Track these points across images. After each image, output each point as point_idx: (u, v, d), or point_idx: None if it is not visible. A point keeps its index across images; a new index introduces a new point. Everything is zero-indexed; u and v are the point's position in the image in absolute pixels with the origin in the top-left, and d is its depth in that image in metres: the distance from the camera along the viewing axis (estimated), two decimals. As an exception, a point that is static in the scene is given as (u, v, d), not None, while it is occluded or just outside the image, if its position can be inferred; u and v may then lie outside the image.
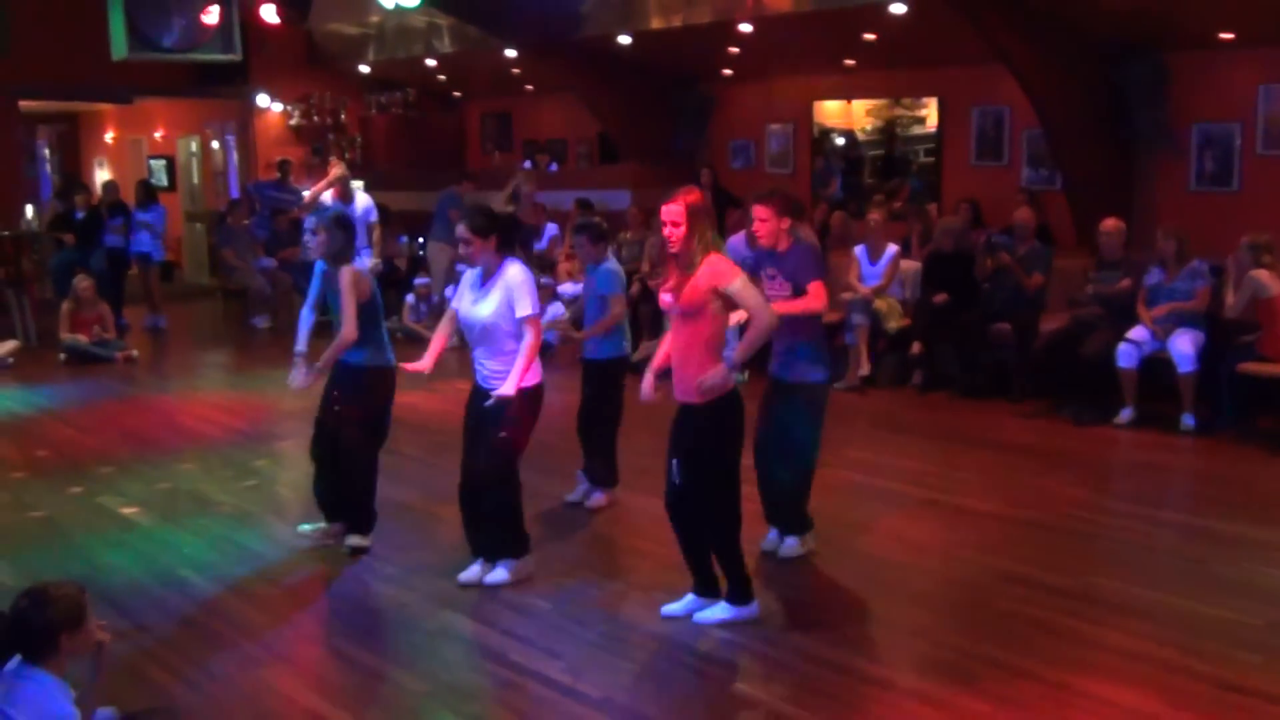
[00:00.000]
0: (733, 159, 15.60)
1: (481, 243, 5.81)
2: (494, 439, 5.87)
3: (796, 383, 6.20)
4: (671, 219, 5.29)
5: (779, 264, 6.14)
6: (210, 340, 14.87)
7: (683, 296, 5.27)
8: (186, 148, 21.10)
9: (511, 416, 5.86)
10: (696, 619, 5.45)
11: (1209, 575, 6.12)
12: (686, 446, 5.35)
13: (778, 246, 6.13)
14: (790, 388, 6.21)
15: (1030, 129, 12.23)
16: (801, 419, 6.23)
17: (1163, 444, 8.81)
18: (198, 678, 5.00)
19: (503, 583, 5.95)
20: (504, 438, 5.86)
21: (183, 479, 8.21)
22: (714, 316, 5.29)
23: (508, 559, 6.01)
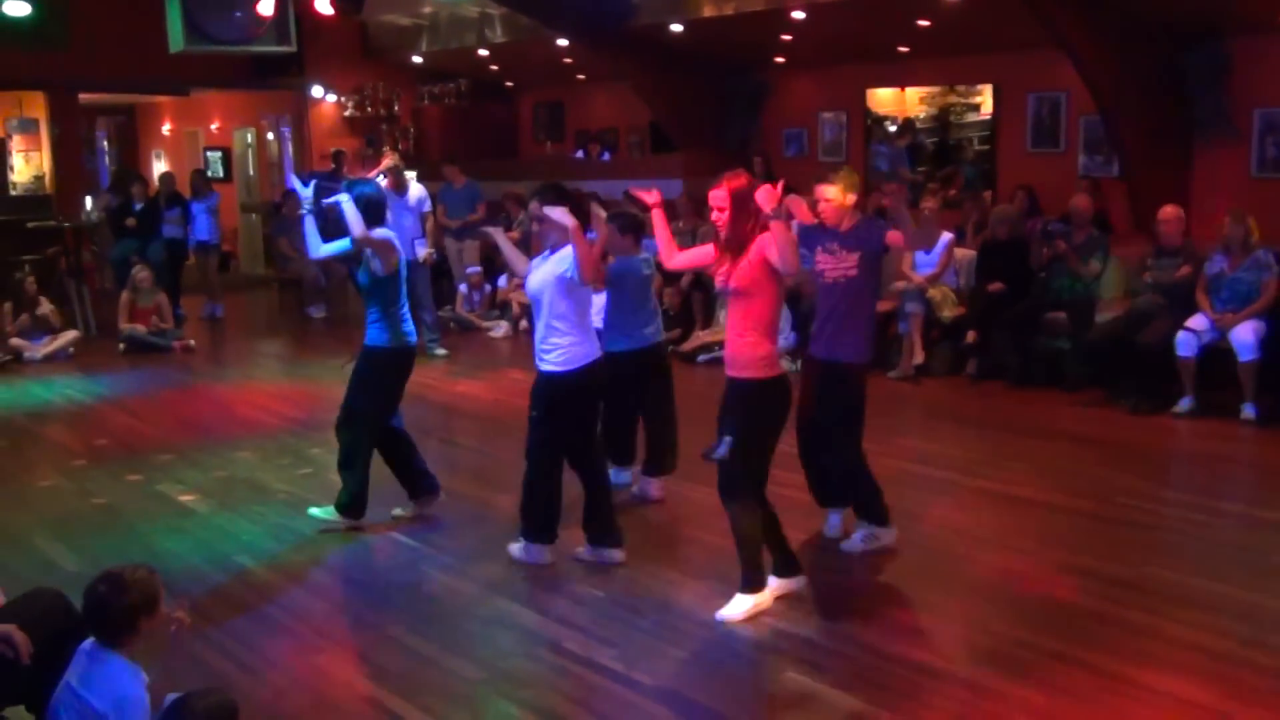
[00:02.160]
0: (785, 147, 15.55)
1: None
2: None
3: (839, 362, 6.13)
4: (717, 204, 5.34)
5: (842, 239, 6.03)
6: (266, 330, 15.04)
7: (735, 276, 5.30)
8: (242, 139, 21.32)
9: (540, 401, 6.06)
10: (726, 617, 5.40)
11: (1270, 567, 6.04)
12: (736, 424, 5.33)
13: (841, 225, 6.07)
14: (833, 367, 6.15)
15: (1087, 115, 12.10)
16: (841, 400, 6.19)
17: (1223, 434, 8.69)
18: (255, 663, 5.06)
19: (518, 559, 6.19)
20: (532, 417, 6.06)
21: (240, 467, 8.30)
22: (768, 295, 5.31)
23: (531, 541, 6.17)
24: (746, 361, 5.32)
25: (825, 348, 6.14)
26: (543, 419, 6.01)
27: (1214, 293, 9.13)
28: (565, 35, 15.16)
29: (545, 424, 6.00)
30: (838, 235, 6.07)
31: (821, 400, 6.17)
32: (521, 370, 11.36)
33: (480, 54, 17.14)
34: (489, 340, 13.57)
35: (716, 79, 15.85)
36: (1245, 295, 8.99)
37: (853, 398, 6.16)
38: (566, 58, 16.57)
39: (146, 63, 16.57)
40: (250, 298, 17.56)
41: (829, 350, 6.12)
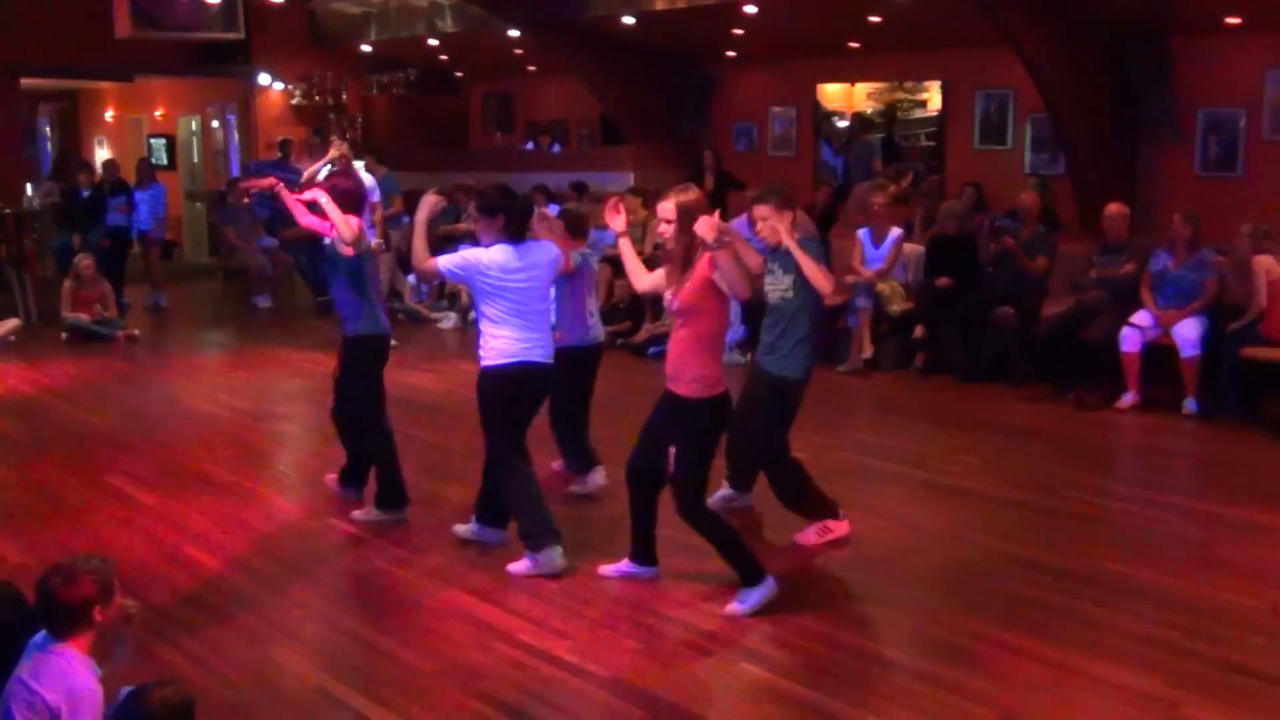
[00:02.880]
0: (736, 141, 15.60)
1: (487, 222, 5.90)
2: None
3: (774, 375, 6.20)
4: (664, 216, 5.35)
5: (781, 261, 6.08)
6: (212, 319, 14.87)
7: (680, 295, 5.30)
8: (187, 126, 21.07)
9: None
10: (740, 610, 5.39)
11: (1213, 559, 6.14)
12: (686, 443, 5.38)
13: (780, 244, 6.05)
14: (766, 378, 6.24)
15: (1035, 113, 12.24)
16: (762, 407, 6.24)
17: (1165, 428, 8.83)
18: (207, 656, 5.01)
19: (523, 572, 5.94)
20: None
21: (188, 457, 8.21)
22: (712, 314, 5.34)
23: (530, 551, 5.97)
24: (690, 379, 5.34)
25: (774, 364, 6.18)
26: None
27: (1158, 290, 9.26)
28: (516, 26, 15.12)
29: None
30: (777, 256, 6.09)
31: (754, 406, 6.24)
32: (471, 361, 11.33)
33: (430, 43, 17.05)
34: (438, 331, 13.52)
35: (667, 72, 15.87)
36: (1188, 293, 9.13)
37: (787, 411, 6.23)
38: (517, 49, 16.52)
39: (90, 48, 16.37)
40: (195, 287, 17.35)
41: (777, 367, 6.17)
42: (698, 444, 5.38)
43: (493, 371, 5.96)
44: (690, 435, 5.38)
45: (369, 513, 6.81)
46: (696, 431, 5.38)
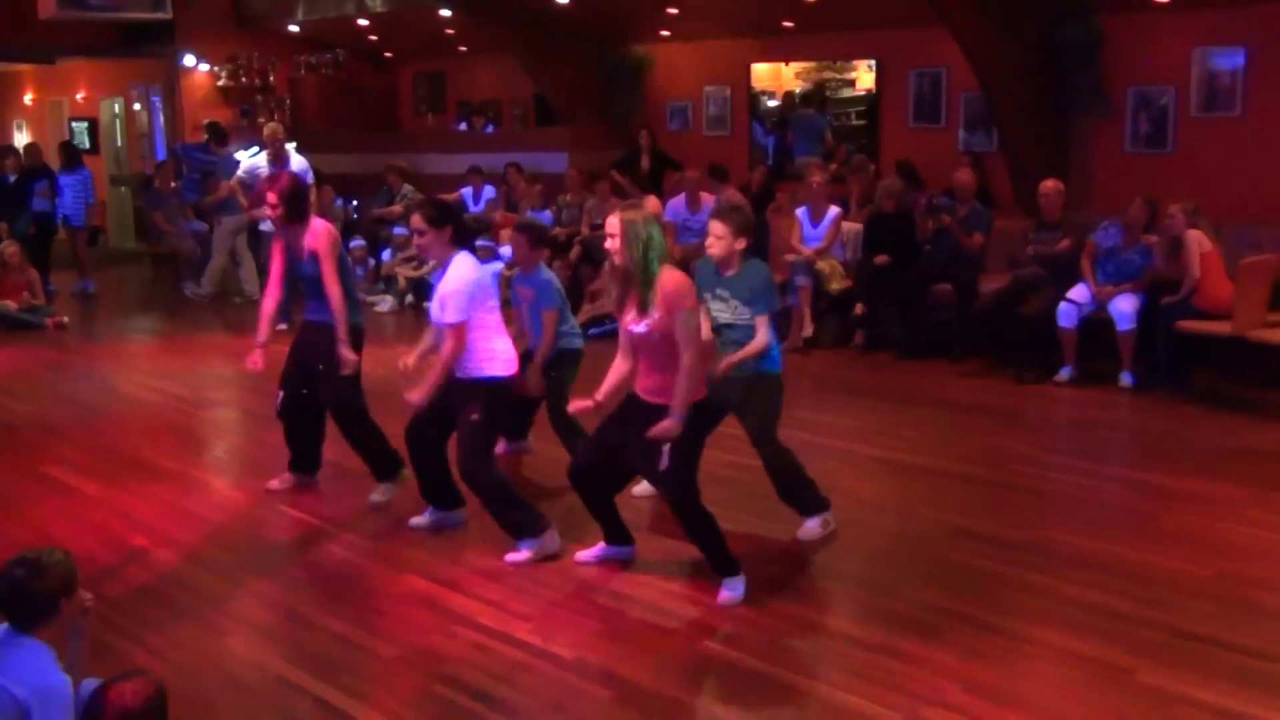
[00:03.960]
0: (670, 121, 15.58)
1: (436, 234, 5.82)
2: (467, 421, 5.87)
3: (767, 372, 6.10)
4: (610, 230, 5.30)
5: (731, 287, 5.94)
6: (141, 306, 14.62)
7: (656, 324, 5.18)
8: (110, 109, 20.67)
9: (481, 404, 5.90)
10: (734, 598, 5.34)
11: (1157, 528, 6.26)
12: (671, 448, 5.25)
13: (728, 269, 5.93)
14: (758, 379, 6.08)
15: (968, 91, 12.34)
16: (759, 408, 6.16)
17: (1103, 401, 8.98)
18: (163, 647, 4.94)
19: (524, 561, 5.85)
20: (475, 419, 5.84)
21: (127, 445, 8.08)
22: None
23: (524, 539, 5.90)
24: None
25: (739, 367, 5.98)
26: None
27: (1100, 265, 9.40)
28: (447, 5, 14.97)
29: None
30: (729, 283, 5.93)
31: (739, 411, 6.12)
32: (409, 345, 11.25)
33: (359, 23, 16.83)
34: (374, 315, 13.39)
35: (601, 52, 15.81)
36: (1129, 274, 9.28)
37: (776, 395, 6.14)
38: (448, 28, 16.37)
39: (8, 29, 15.98)
40: (121, 272, 17.05)
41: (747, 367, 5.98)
42: (685, 436, 5.21)
43: (504, 382, 5.95)
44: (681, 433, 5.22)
45: (385, 492, 6.81)
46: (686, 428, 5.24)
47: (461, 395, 5.85)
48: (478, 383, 5.85)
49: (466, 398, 5.84)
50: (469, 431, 5.83)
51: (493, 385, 5.88)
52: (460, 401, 5.85)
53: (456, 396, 5.85)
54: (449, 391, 5.87)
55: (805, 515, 6.14)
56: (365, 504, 6.76)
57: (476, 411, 5.80)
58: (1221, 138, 10.77)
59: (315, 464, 7.18)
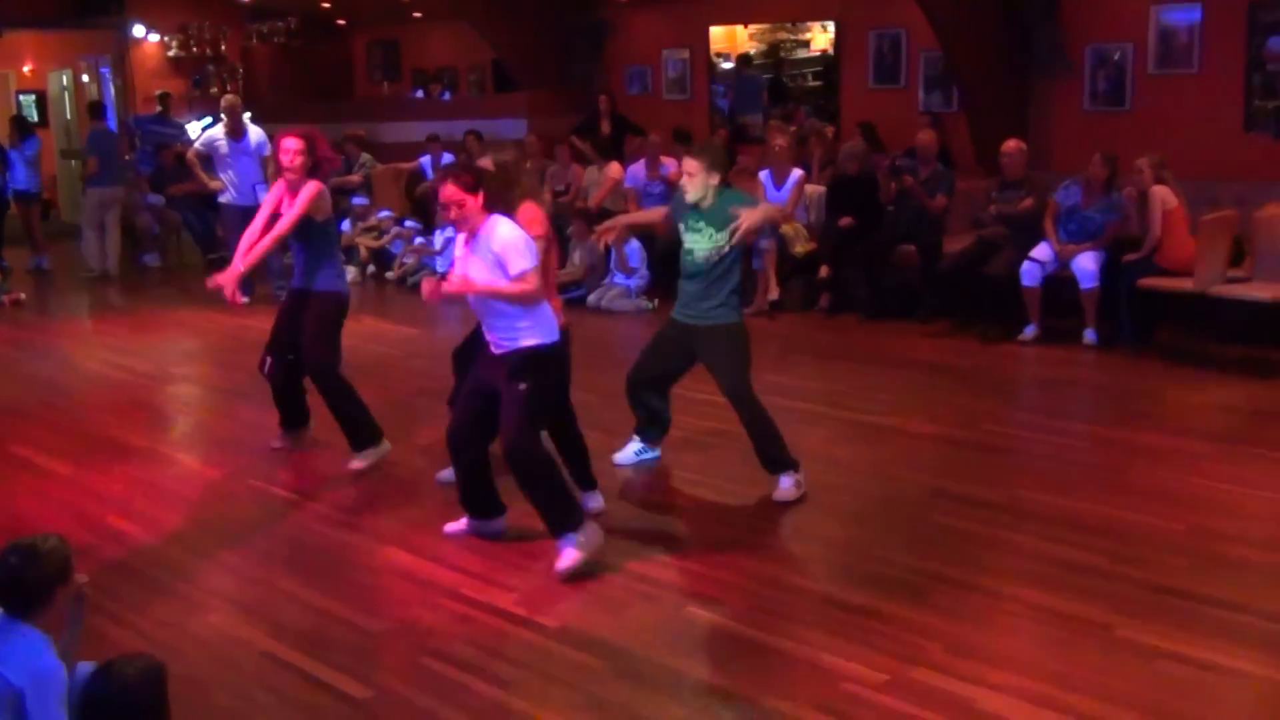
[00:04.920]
0: (630, 85, 15.51)
1: (474, 201, 5.37)
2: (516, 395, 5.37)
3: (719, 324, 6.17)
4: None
5: (707, 216, 6.04)
6: (98, 280, 14.42)
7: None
8: (58, 81, 20.31)
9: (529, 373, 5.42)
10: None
11: (1126, 484, 6.35)
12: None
13: (703, 203, 6.04)
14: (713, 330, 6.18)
15: (928, 51, 12.36)
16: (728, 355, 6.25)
17: (1067, 359, 9.07)
18: (147, 627, 4.92)
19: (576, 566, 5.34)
20: (523, 390, 5.36)
21: (95, 424, 8.00)
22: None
23: (565, 534, 5.38)
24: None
25: (700, 314, 6.14)
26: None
27: (1061, 223, 9.48)
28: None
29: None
30: (704, 214, 6.04)
31: (706, 359, 6.22)
32: (372, 315, 11.22)
33: (311, -10, 16.65)
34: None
35: (559, 16, 15.70)
36: (1091, 232, 9.36)
37: (742, 344, 6.21)
38: (402, -6, 16.23)
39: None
40: (75, 247, 16.79)
41: (709, 316, 6.12)
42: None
43: (556, 348, 5.52)
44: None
45: (365, 458, 6.81)
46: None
47: (504, 369, 5.41)
48: (522, 353, 5.40)
49: (511, 371, 5.38)
50: (516, 404, 5.33)
51: (539, 353, 5.42)
52: (504, 376, 5.41)
53: (499, 373, 5.43)
54: (490, 370, 5.49)
55: (775, 473, 6.19)
56: (338, 477, 6.76)
57: (525, 381, 5.36)
58: (1178, 94, 10.85)
59: (305, 418, 7.25)
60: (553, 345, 5.46)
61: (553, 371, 5.58)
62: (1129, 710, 4.07)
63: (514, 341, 5.40)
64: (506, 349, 5.41)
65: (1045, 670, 4.37)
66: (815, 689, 4.28)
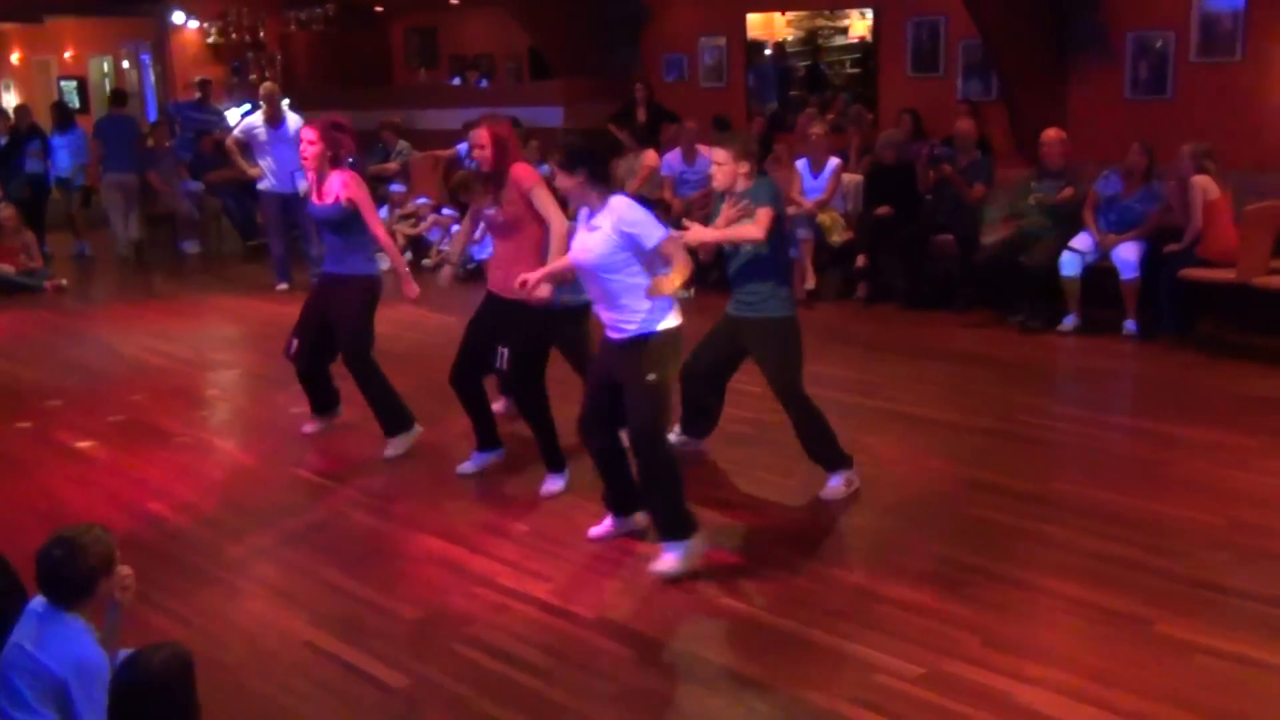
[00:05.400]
0: (666, 73, 15.47)
1: (568, 178, 5.17)
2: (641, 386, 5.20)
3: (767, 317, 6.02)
4: (477, 142, 6.05)
5: (746, 200, 5.95)
6: (139, 267, 14.55)
7: (503, 210, 6.09)
8: (99, 68, 20.50)
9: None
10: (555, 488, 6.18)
11: (1166, 476, 6.29)
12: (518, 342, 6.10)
13: (734, 189, 5.95)
14: (756, 322, 6.04)
15: (967, 39, 12.27)
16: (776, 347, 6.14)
17: (1107, 350, 9.00)
18: (187, 614, 4.96)
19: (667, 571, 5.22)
20: (653, 380, 5.18)
21: (134, 410, 8.07)
22: (533, 223, 6.11)
23: (672, 540, 5.27)
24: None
25: (747, 307, 6.03)
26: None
27: (1101, 213, 9.40)
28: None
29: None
30: (734, 198, 5.96)
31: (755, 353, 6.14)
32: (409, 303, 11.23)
33: (350, -23, 16.70)
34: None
35: (596, 3, 15.66)
36: (1132, 222, 9.27)
37: (791, 340, 6.08)
38: (440, -19, 16.25)
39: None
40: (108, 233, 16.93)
41: (757, 308, 6.01)
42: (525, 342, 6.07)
43: (672, 334, 5.26)
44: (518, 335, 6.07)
45: (397, 445, 6.92)
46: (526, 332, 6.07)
47: (627, 357, 5.23)
48: (644, 339, 5.19)
49: (635, 360, 5.19)
50: (642, 397, 5.16)
51: (662, 339, 5.22)
52: (626, 365, 5.24)
53: (619, 361, 5.28)
54: (610, 359, 5.35)
55: (828, 471, 6.16)
56: (373, 463, 6.81)
57: (652, 372, 5.15)
58: (1221, 83, 10.73)
59: (334, 401, 7.37)
60: (676, 329, 5.25)
61: (676, 357, 5.38)
62: (1168, 705, 4.05)
63: (636, 326, 5.18)
64: (628, 334, 5.21)
65: (1083, 664, 4.35)
66: (850, 681, 4.28)
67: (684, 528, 5.23)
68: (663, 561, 5.20)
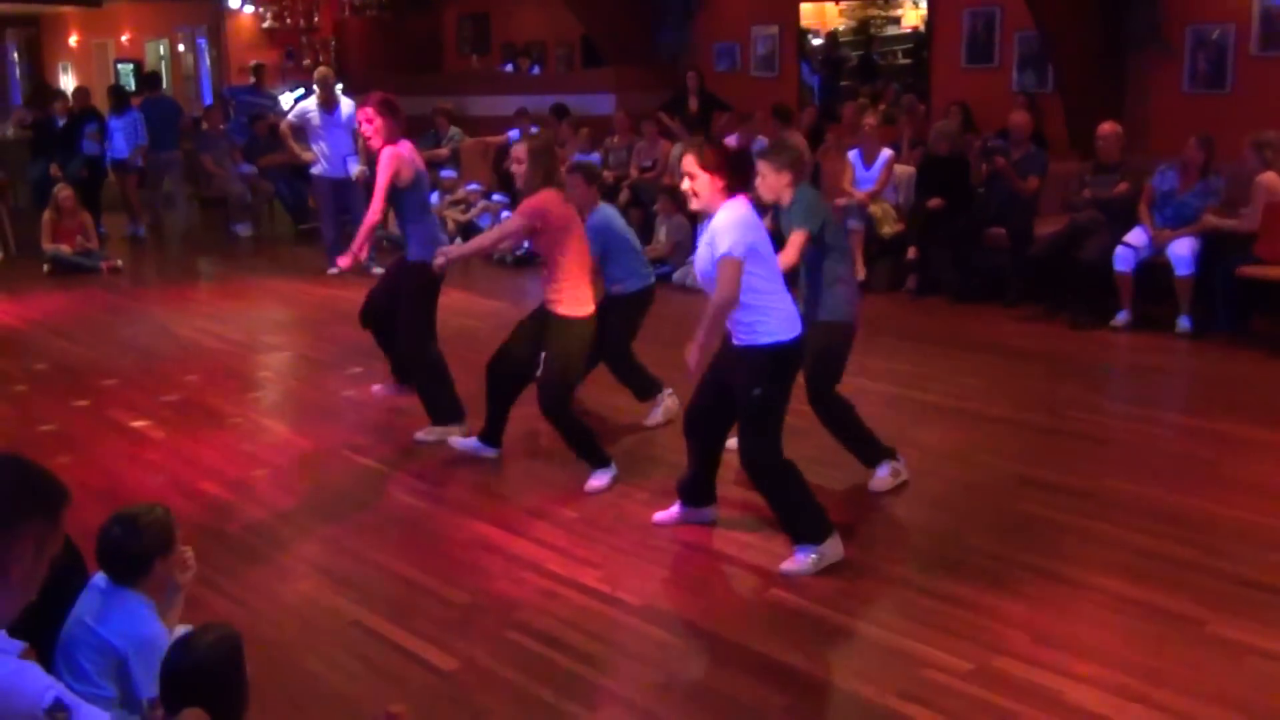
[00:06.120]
0: (717, 62, 15.43)
1: (709, 180, 5.08)
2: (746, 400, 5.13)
3: (833, 321, 5.95)
4: (517, 156, 6.11)
5: (783, 218, 5.90)
6: (192, 249, 14.71)
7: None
8: (155, 51, 20.72)
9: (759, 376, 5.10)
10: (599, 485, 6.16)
11: (1219, 476, 6.23)
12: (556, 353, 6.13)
13: (781, 201, 5.88)
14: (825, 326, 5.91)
15: (1022, 31, 12.17)
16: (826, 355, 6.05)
17: (1160, 347, 8.92)
18: (239, 592, 5.03)
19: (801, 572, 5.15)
20: (757, 395, 5.09)
21: (189, 390, 8.17)
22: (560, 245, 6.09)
23: (804, 544, 5.20)
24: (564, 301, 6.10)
25: (815, 310, 5.93)
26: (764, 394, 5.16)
27: (1157, 208, 9.31)
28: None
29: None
30: (782, 216, 5.89)
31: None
32: (459, 289, 11.30)
33: (404, -36, 16.76)
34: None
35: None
36: (1188, 218, 9.17)
37: (824, 348, 5.98)
38: (493, -32, 16.28)
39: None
40: (170, 216, 17.13)
41: (823, 311, 5.93)
42: (568, 354, 6.11)
43: (788, 347, 5.12)
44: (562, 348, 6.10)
45: (431, 433, 7.00)
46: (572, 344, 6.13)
47: (741, 366, 5.14)
48: (759, 350, 5.07)
49: (747, 371, 5.10)
50: (751, 409, 5.11)
51: (777, 351, 5.08)
52: (740, 376, 5.14)
53: (735, 367, 5.16)
54: (728, 362, 5.21)
55: (868, 466, 6.15)
56: (423, 449, 6.87)
57: (759, 385, 5.07)
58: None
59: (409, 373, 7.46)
60: (794, 341, 5.12)
61: (792, 370, 5.23)
62: (1219, 706, 4.02)
63: (753, 336, 5.08)
64: (745, 343, 5.10)
65: (1133, 663, 4.32)
66: (899, 675, 4.27)
67: (814, 530, 5.18)
68: (793, 562, 5.15)
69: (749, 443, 5.15)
